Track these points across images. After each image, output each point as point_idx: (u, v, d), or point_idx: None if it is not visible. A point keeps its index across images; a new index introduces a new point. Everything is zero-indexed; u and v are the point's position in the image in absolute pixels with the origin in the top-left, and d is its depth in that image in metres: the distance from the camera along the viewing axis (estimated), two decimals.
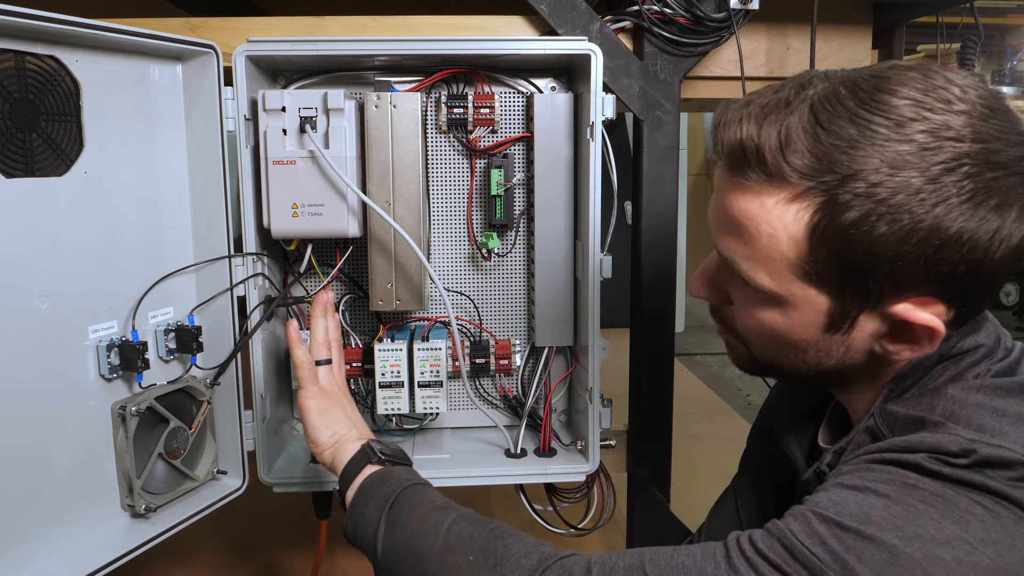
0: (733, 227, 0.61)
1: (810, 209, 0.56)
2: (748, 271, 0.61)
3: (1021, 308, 5.19)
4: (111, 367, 0.93)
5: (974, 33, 1.22)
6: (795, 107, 0.57)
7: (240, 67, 0.99)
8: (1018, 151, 0.55)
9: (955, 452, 0.54)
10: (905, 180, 0.53)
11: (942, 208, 0.53)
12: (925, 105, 0.54)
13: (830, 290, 0.59)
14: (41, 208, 0.85)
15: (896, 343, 0.60)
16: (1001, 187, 0.54)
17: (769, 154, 0.56)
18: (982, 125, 0.54)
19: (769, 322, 0.63)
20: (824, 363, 0.64)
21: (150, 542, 0.93)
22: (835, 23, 1.27)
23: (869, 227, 0.54)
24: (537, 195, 1.11)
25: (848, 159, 0.54)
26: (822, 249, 0.57)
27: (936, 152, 0.53)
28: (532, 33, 1.13)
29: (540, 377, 1.19)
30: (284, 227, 1.03)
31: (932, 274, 0.56)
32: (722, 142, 0.60)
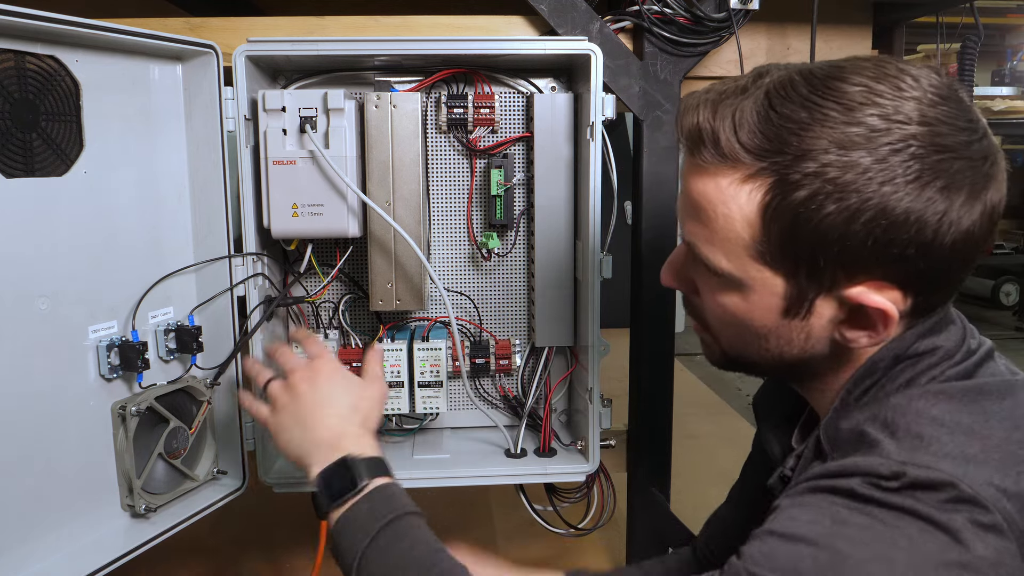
0: (693, 210, 0.63)
1: (762, 189, 0.58)
2: (707, 254, 0.62)
3: (1021, 308, 5.18)
4: (111, 367, 0.93)
5: (974, 33, 1.22)
6: (751, 93, 0.59)
7: (240, 67, 0.99)
8: (965, 136, 0.56)
9: (886, 475, 0.54)
10: (854, 160, 0.54)
11: (889, 187, 0.54)
12: (876, 91, 0.56)
13: (785, 272, 0.60)
14: (41, 208, 0.85)
15: (853, 329, 0.61)
16: (948, 169, 0.55)
17: (723, 135, 0.58)
18: (931, 110, 0.55)
19: (731, 307, 0.64)
20: (787, 352, 0.64)
21: (150, 542, 0.93)
22: (835, 23, 1.27)
23: (818, 206, 0.55)
24: (537, 195, 1.11)
25: (798, 140, 0.56)
26: (774, 229, 0.58)
27: (884, 134, 0.54)
28: (532, 33, 1.13)
29: (540, 377, 1.19)
30: (284, 227, 1.03)
31: (882, 256, 0.56)
32: (682, 127, 0.62)
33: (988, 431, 0.57)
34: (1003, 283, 5.31)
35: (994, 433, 0.56)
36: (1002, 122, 3.81)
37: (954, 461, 0.54)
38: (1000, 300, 5.30)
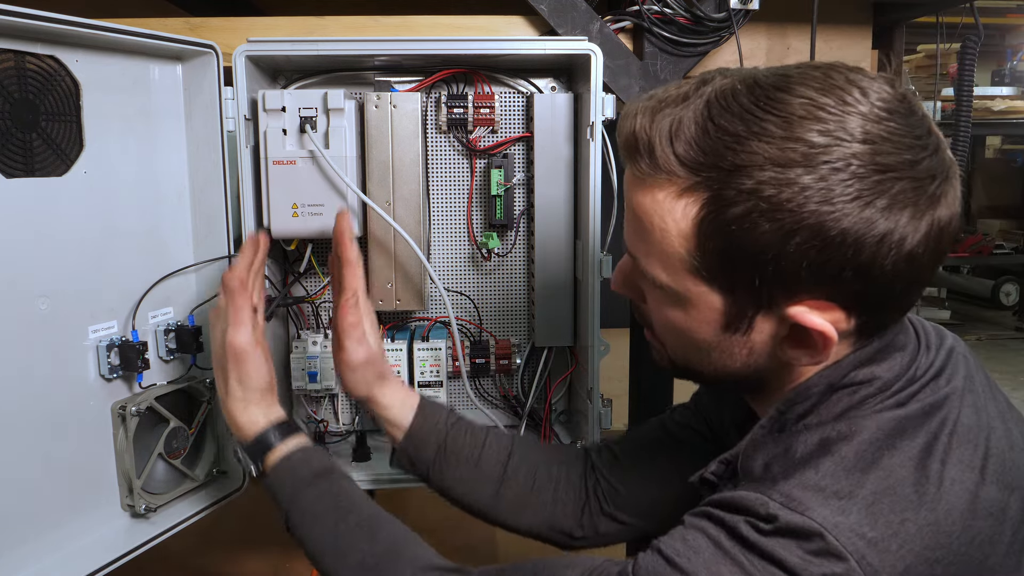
0: (633, 222, 0.62)
1: (696, 204, 0.56)
2: (647, 267, 0.62)
3: (1021, 308, 5.19)
4: (111, 367, 0.93)
5: (974, 33, 1.22)
6: (692, 102, 0.57)
7: (240, 67, 0.99)
8: (911, 154, 0.54)
9: (763, 516, 0.55)
10: (790, 178, 0.53)
11: (827, 207, 0.53)
12: (819, 104, 0.54)
13: (721, 288, 0.59)
14: (41, 208, 0.85)
15: (795, 348, 0.60)
16: (888, 189, 0.53)
17: (659, 147, 0.57)
18: (875, 127, 0.53)
19: (673, 320, 0.64)
20: (729, 365, 0.63)
21: (150, 542, 0.93)
22: (835, 23, 1.27)
23: (751, 224, 0.54)
24: (537, 195, 1.11)
25: (734, 155, 0.54)
26: (708, 245, 0.57)
27: (824, 152, 0.53)
28: (532, 33, 1.13)
29: (540, 377, 1.19)
30: (284, 227, 1.03)
31: (819, 276, 0.55)
32: (620, 134, 0.61)
33: (889, 469, 0.56)
34: (1003, 283, 5.31)
35: (895, 472, 0.56)
36: (1002, 122, 3.81)
37: (835, 503, 0.54)
38: (1000, 300, 5.30)
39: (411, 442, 0.90)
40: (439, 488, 0.91)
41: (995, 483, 0.57)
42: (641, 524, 0.89)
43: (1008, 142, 5.45)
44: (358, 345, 0.87)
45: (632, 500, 0.88)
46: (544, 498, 0.90)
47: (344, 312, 0.86)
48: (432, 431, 0.90)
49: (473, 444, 0.90)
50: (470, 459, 0.90)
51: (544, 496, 0.90)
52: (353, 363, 0.87)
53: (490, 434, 0.92)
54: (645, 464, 0.89)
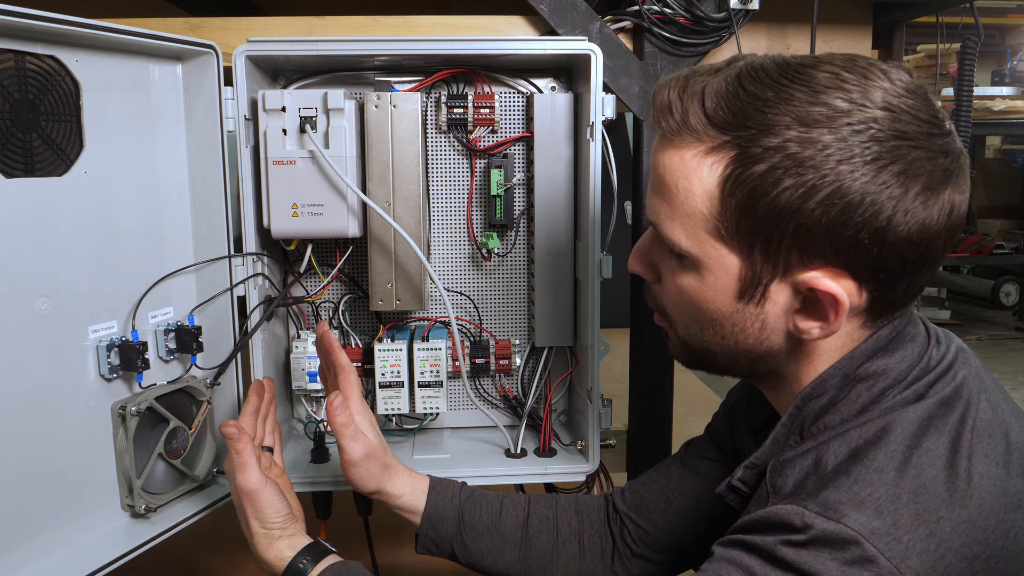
0: (658, 186, 0.63)
1: (723, 162, 0.58)
2: (668, 231, 0.63)
3: (1021, 308, 5.19)
4: (111, 367, 0.93)
5: (974, 33, 1.22)
6: (723, 73, 0.60)
7: (240, 67, 0.99)
8: (927, 128, 0.57)
9: (797, 527, 0.55)
10: (814, 136, 0.55)
11: (846, 166, 0.55)
12: (843, 78, 0.57)
13: (740, 250, 0.60)
14: (41, 208, 0.85)
15: (807, 318, 0.61)
16: (905, 156, 0.55)
17: (691, 107, 0.59)
18: (895, 100, 0.56)
19: (688, 290, 0.64)
20: (742, 341, 0.64)
21: (150, 542, 0.93)
22: (835, 23, 1.27)
23: (775, 180, 0.56)
24: (537, 195, 1.11)
25: (762, 116, 0.57)
26: (731, 202, 0.58)
27: (846, 115, 0.55)
28: (532, 33, 1.13)
29: (540, 377, 1.19)
30: (284, 227, 1.03)
31: (836, 239, 0.56)
32: (653, 103, 0.63)
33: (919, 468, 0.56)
34: (1003, 283, 5.31)
35: (924, 471, 0.56)
36: (1002, 122, 3.81)
37: (871, 507, 0.54)
38: (1000, 300, 5.30)
39: (429, 524, 0.90)
40: (467, 563, 0.92)
41: (1020, 476, 0.58)
42: (675, 559, 0.89)
43: (1008, 142, 5.45)
44: (354, 442, 0.86)
45: (662, 538, 0.89)
46: (571, 551, 0.91)
47: (332, 415, 0.86)
48: (447, 508, 0.91)
49: (490, 512, 0.92)
50: (490, 527, 0.91)
51: (570, 549, 0.91)
52: (354, 460, 0.87)
53: (505, 499, 0.93)
54: (670, 500, 0.89)
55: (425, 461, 1.13)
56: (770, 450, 0.65)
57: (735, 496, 0.68)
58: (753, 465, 0.66)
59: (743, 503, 0.68)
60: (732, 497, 0.68)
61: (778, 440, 0.65)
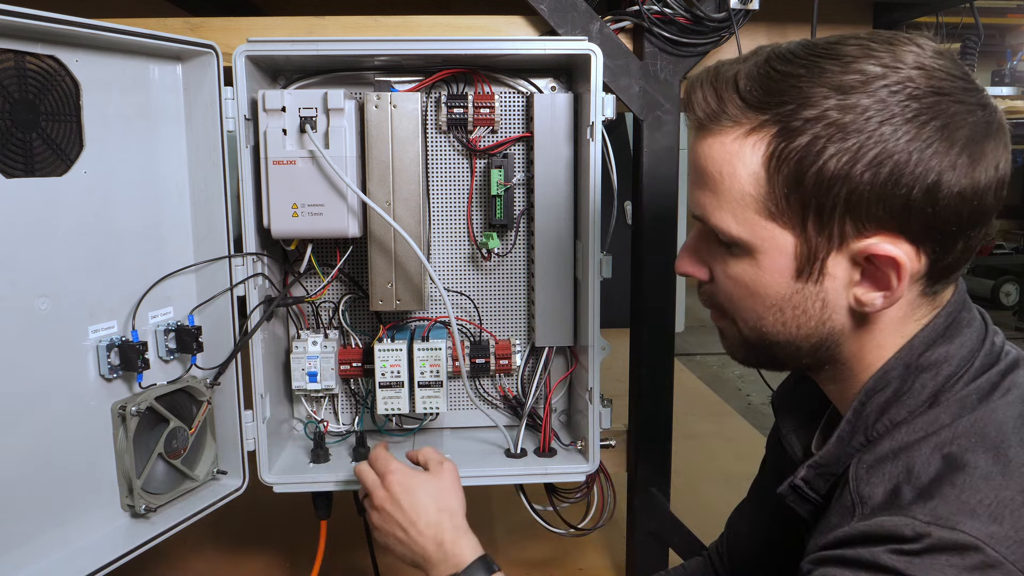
0: (700, 178, 0.63)
1: (765, 140, 0.58)
2: (716, 220, 0.63)
3: (1021, 308, 5.19)
4: (111, 367, 0.93)
5: (974, 33, 1.22)
6: (751, 60, 0.61)
7: (240, 67, 0.99)
8: (961, 83, 0.57)
9: (909, 537, 0.53)
10: (852, 102, 0.55)
11: (888, 127, 0.55)
12: (871, 47, 0.57)
13: (792, 226, 0.60)
14: (41, 208, 0.85)
15: (869, 288, 0.60)
16: (945, 110, 0.55)
17: (725, 94, 0.60)
18: (928, 60, 0.57)
19: (744, 278, 0.63)
20: (805, 326, 0.63)
21: (150, 542, 0.93)
22: (835, 23, 1.27)
23: (820, 148, 0.56)
24: (537, 195, 1.11)
25: (797, 91, 0.57)
26: (778, 178, 0.58)
27: (881, 78, 0.56)
28: (532, 33, 1.13)
29: (540, 377, 1.19)
30: (284, 227, 1.03)
31: (888, 201, 0.56)
32: (687, 101, 0.63)
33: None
34: (1003, 283, 5.31)
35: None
36: None
37: (985, 513, 0.53)
38: (1000, 300, 5.30)
39: None
40: None
41: None
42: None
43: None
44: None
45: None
46: None
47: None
48: None
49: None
50: None
51: None
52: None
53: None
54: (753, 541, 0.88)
55: None
56: (835, 448, 0.64)
57: (798, 498, 0.66)
58: (817, 464, 0.65)
59: (813, 511, 0.66)
60: (794, 498, 0.67)
61: (843, 438, 0.63)
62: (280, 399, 1.15)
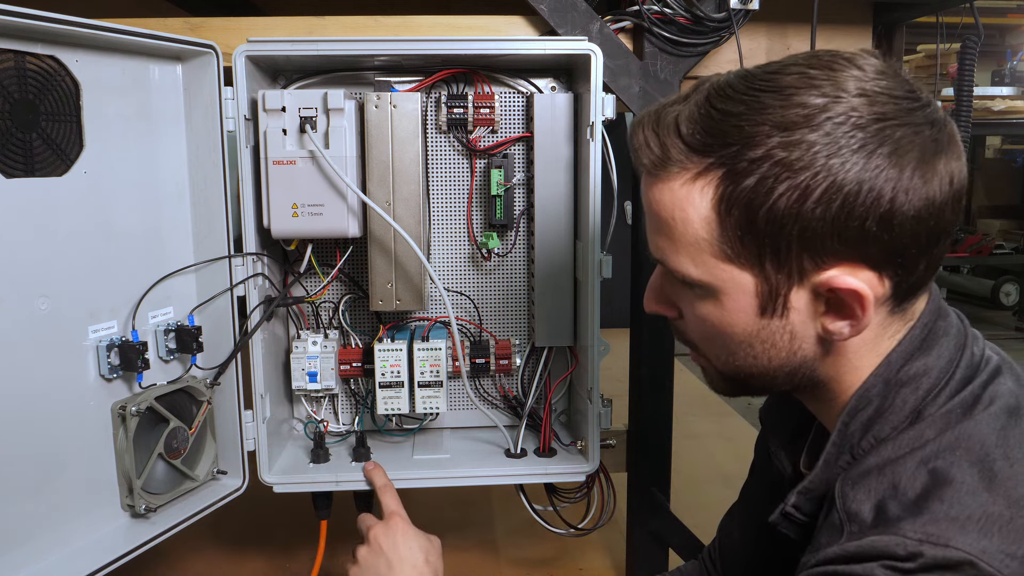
0: (655, 223, 0.63)
1: (713, 183, 0.58)
2: (675, 265, 0.62)
3: (1021, 308, 5.18)
4: (111, 367, 0.93)
5: (974, 33, 1.22)
6: (692, 98, 0.60)
7: (240, 67, 0.99)
8: (906, 104, 0.56)
9: (902, 556, 0.53)
10: (797, 138, 0.54)
11: (836, 160, 0.54)
12: (810, 75, 0.56)
13: (750, 266, 0.59)
14: (41, 208, 0.85)
15: (834, 319, 0.60)
16: (891, 136, 0.55)
17: (668, 139, 0.59)
18: (868, 84, 0.56)
19: (710, 318, 0.63)
20: (775, 357, 0.63)
21: (150, 542, 0.93)
22: (835, 23, 1.27)
23: (768, 189, 0.55)
24: (537, 195, 1.11)
25: (738, 131, 0.56)
26: (729, 222, 0.58)
27: (824, 111, 0.55)
28: (532, 33, 1.13)
29: (540, 377, 1.19)
30: (284, 227, 1.03)
31: (844, 233, 0.55)
32: (632, 146, 0.62)
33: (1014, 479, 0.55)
34: (1003, 283, 5.31)
35: (1020, 482, 0.55)
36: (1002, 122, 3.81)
37: (975, 529, 0.52)
38: (1000, 300, 5.30)
39: None
40: None
41: None
42: None
43: (1008, 142, 5.45)
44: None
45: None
46: None
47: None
48: None
49: None
50: None
51: None
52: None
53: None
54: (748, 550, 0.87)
55: (425, 461, 1.13)
56: (823, 472, 0.63)
57: (789, 524, 0.66)
58: (807, 490, 0.65)
59: (802, 532, 0.66)
60: (786, 525, 0.66)
61: (829, 461, 0.63)
62: (280, 399, 1.15)
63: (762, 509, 0.73)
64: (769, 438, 0.79)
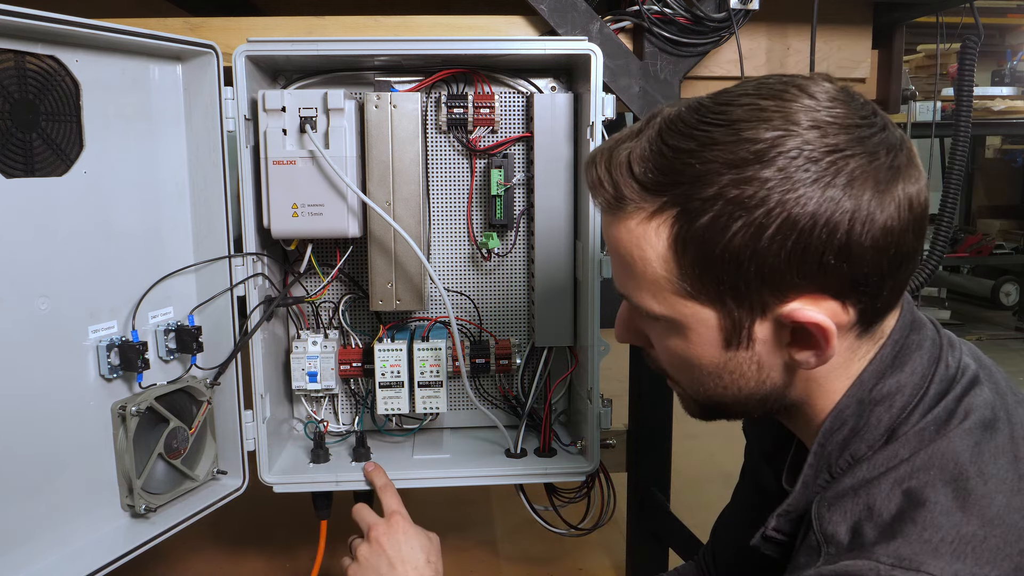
0: (617, 260, 0.63)
1: (667, 223, 0.57)
2: (639, 301, 0.62)
3: (1021, 308, 5.18)
4: (111, 367, 0.93)
5: (974, 33, 1.22)
6: (644, 133, 0.59)
7: (240, 67, 0.99)
8: (859, 132, 0.55)
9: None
10: (749, 175, 0.54)
11: (791, 195, 0.53)
12: (761, 107, 0.55)
13: (710, 302, 0.59)
14: (41, 208, 0.85)
15: (800, 349, 0.59)
16: (844, 167, 0.54)
17: (621, 179, 0.58)
18: (821, 114, 0.55)
19: (677, 351, 0.63)
20: (744, 387, 0.63)
21: (150, 542, 0.93)
22: (835, 23, 1.27)
23: (722, 227, 0.55)
24: (537, 195, 1.11)
25: (690, 168, 0.55)
26: (686, 260, 0.57)
27: (775, 145, 0.54)
28: (532, 33, 1.13)
29: (540, 377, 1.19)
30: (284, 227, 1.03)
31: (802, 267, 0.55)
32: (586, 180, 0.62)
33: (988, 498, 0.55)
34: (1003, 283, 5.31)
35: (994, 501, 0.55)
36: (1002, 122, 3.81)
37: (948, 552, 0.52)
38: (1000, 300, 5.30)
39: None
40: None
41: None
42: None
43: (1008, 142, 5.44)
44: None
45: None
46: None
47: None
48: None
49: None
50: None
51: None
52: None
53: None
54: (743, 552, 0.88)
55: (425, 461, 1.13)
56: (801, 494, 0.63)
57: (772, 546, 0.66)
58: (786, 512, 0.64)
59: (783, 552, 0.66)
60: (768, 547, 0.66)
61: (807, 482, 0.63)
62: (280, 399, 1.15)
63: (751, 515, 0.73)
64: (752, 449, 0.79)
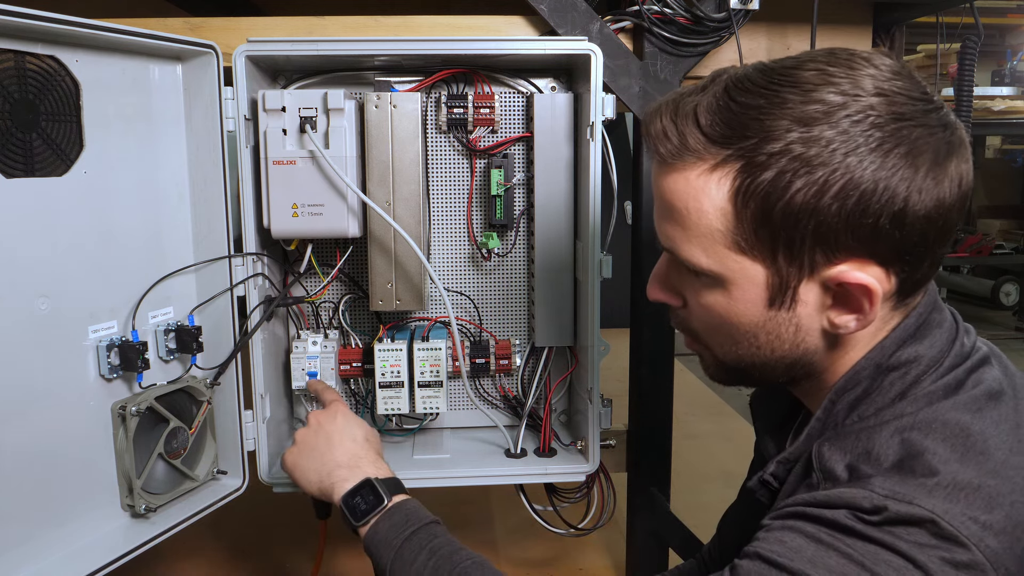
0: (667, 212, 0.63)
1: (730, 176, 0.58)
2: (686, 254, 0.63)
3: (1021, 308, 5.18)
4: (111, 367, 0.93)
5: (974, 33, 1.22)
6: (710, 89, 0.60)
7: (240, 67, 0.99)
8: (922, 106, 0.57)
9: (867, 509, 0.54)
10: (816, 134, 0.55)
11: (854, 158, 0.55)
12: (830, 72, 0.57)
13: (763, 258, 0.60)
14: (41, 208, 0.85)
15: (841, 312, 0.61)
16: (907, 136, 0.56)
17: (687, 129, 0.59)
18: (885, 84, 0.57)
19: (717, 308, 0.64)
20: (778, 348, 0.64)
21: (150, 542, 0.93)
22: (835, 23, 1.27)
23: (786, 184, 0.56)
24: (537, 195, 1.11)
25: (758, 124, 0.57)
26: (746, 213, 0.58)
27: (842, 108, 0.56)
28: (532, 33, 1.13)
29: (540, 377, 1.19)
30: (284, 227, 1.03)
31: (857, 230, 0.56)
32: (648, 132, 0.63)
33: (985, 451, 0.56)
34: (1003, 283, 5.31)
35: (992, 455, 0.56)
36: (1002, 122, 3.81)
37: (941, 493, 0.54)
38: (1000, 300, 5.30)
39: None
40: None
41: None
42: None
43: (1008, 142, 5.45)
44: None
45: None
46: None
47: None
48: None
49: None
50: None
51: None
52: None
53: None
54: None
55: (425, 461, 1.13)
56: (804, 445, 0.65)
57: (766, 491, 0.67)
58: (786, 460, 0.66)
59: (772, 498, 0.67)
60: (763, 492, 0.68)
61: (812, 435, 0.64)
62: (280, 399, 1.15)
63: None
64: (757, 423, 0.80)
